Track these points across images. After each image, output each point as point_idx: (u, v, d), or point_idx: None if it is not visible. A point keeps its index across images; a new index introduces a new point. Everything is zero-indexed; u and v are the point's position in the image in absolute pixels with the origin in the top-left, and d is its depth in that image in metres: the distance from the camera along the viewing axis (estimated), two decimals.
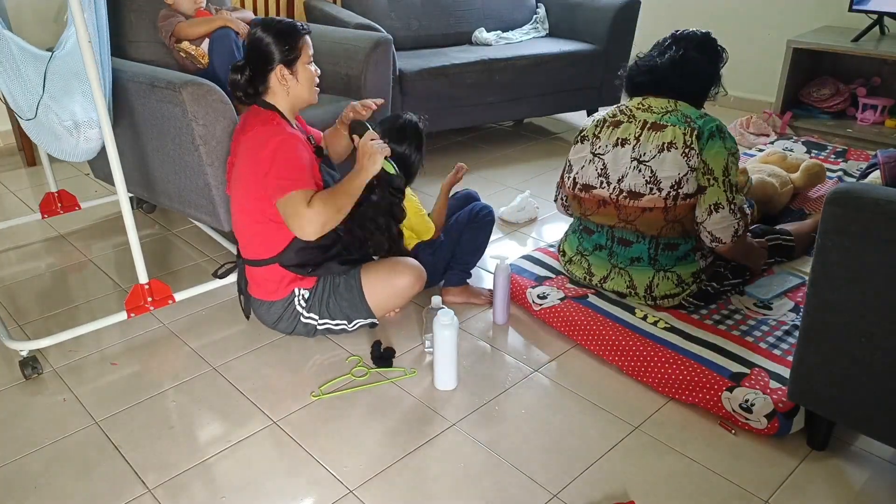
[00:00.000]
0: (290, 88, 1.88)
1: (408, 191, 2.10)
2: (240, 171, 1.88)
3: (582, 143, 2.11)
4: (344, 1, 3.60)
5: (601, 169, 2.02)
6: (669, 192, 1.90)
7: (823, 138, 3.52)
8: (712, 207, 1.89)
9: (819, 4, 3.80)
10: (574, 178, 2.10)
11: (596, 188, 2.04)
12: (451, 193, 2.33)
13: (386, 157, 1.88)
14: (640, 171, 1.94)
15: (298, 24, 1.89)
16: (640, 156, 1.95)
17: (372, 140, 1.88)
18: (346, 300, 1.96)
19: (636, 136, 1.97)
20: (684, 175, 1.89)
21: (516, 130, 3.99)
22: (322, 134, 2.17)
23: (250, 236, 1.93)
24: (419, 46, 3.65)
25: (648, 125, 1.96)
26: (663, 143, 1.91)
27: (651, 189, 1.92)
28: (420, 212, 2.17)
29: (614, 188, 1.99)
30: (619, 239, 2.04)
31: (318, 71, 1.95)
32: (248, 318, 2.09)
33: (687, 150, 1.89)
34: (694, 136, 1.89)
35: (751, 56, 4.10)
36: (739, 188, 1.97)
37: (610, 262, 2.08)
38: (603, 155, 2.03)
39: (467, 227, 2.20)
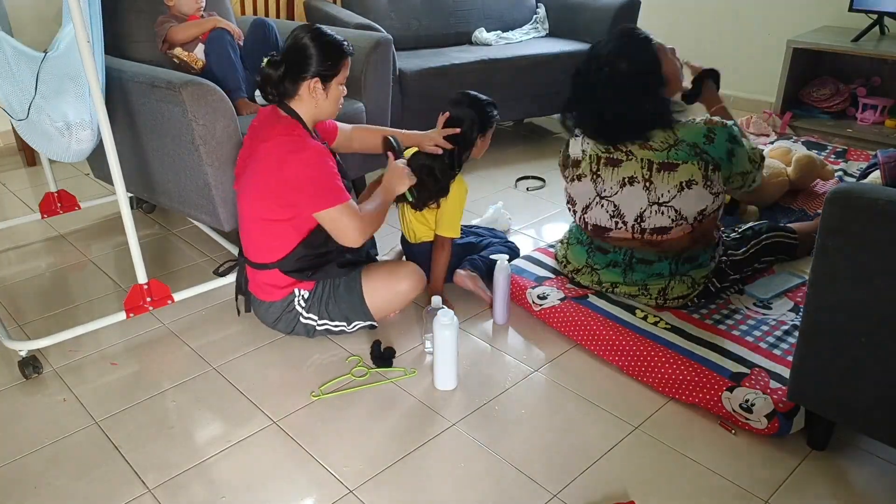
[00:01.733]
0: (318, 102, 1.86)
1: (460, 177, 2.16)
2: (258, 176, 1.85)
3: (580, 180, 2.02)
4: (344, 1, 3.60)
5: (613, 210, 1.97)
6: (696, 218, 1.91)
7: (823, 138, 3.52)
8: (752, 182, 1.98)
9: (819, 4, 3.80)
10: (583, 218, 2.06)
11: (612, 230, 2.00)
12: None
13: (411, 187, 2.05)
14: (662, 213, 1.91)
15: (346, 44, 1.87)
16: (659, 198, 1.89)
17: (401, 165, 2.03)
18: (346, 302, 1.96)
19: (645, 177, 1.89)
20: (710, 203, 1.90)
21: (516, 130, 3.99)
22: (337, 126, 2.16)
23: (255, 239, 1.93)
24: (419, 46, 3.65)
25: (657, 165, 1.87)
26: (681, 183, 1.86)
27: (678, 223, 1.92)
28: (459, 208, 2.14)
29: (633, 227, 1.96)
30: (639, 259, 2.01)
31: (346, 91, 1.94)
32: (239, 314, 2.09)
33: (708, 184, 1.87)
34: (711, 170, 1.86)
35: (751, 56, 4.10)
36: (755, 150, 1.98)
37: (623, 277, 2.05)
38: (611, 197, 1.97)
39: (497, 244, 2.34)
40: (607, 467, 1.59)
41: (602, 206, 1.99)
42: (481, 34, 3.76)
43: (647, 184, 1.90)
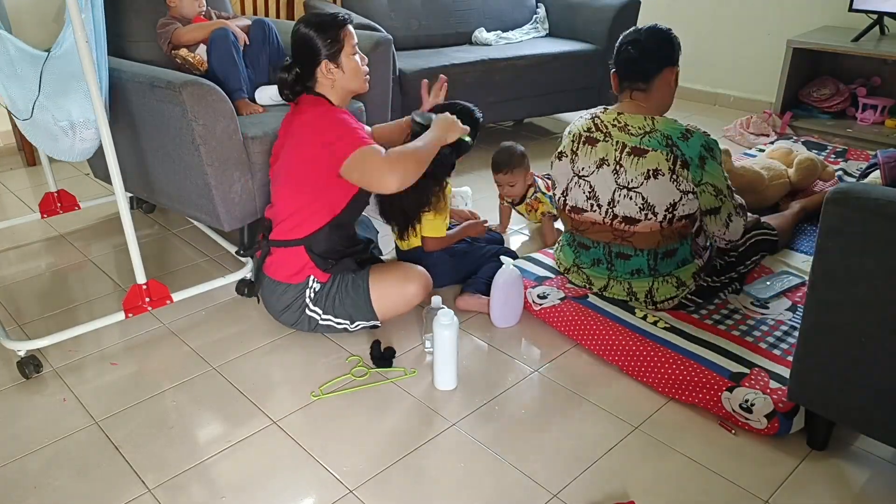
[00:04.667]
0: (336, 81, 1.90)
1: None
2: (294, 149, 1.90)
3: (560, 159, 2.07)
4: (344, 1, 3.60)
5: (589, 192, 2.00)
6: (665, 216, 1.91)
7: (823, 138, 3.52)
8: (727, 220, 1.93)
9: (819, 4, 3.80)
10: (564, 199, 2.09)
11: (587, 211, 2.02)
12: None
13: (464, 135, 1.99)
14: (630, 198, 1.92)
15: (339, 13, 1.90)
16: (628, 183, 1.91)
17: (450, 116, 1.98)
18: (352, 299, 1.96)
19: (617, 160, 1.92)
20: (678, 199, 1.89)
21: (516, 130, 3.99)
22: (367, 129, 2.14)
23: (288, 211, 1.94)
24: (419, 46, 3.65)
25: (628, 149, 1.90)
26: (648, 171, 1.88)
27: (646, 215, 1.92)
28: (443, 211, 2.19)
29: (606, 211, 1.97)
30: (617, 254, 2.03)
31: (367, 60, 1.95)
32: (259, 301, 2.12)
33: (675, 177, 1.86)
34: (679, 166, 1.85)
35: (751, 56, 4.11)
36: (732, 184, 1.95)
37: (609, 275, 2.08)
38: (587, 177, 2.00)
39: (493, 251, 2.31)
40: (607, 467, 1.59)
41: (580, 185, 2.02)
42: (481, 34, 3.77)
43: (617, 167, 1.92)
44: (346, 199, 1.92)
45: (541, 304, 2.11)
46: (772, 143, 3.50)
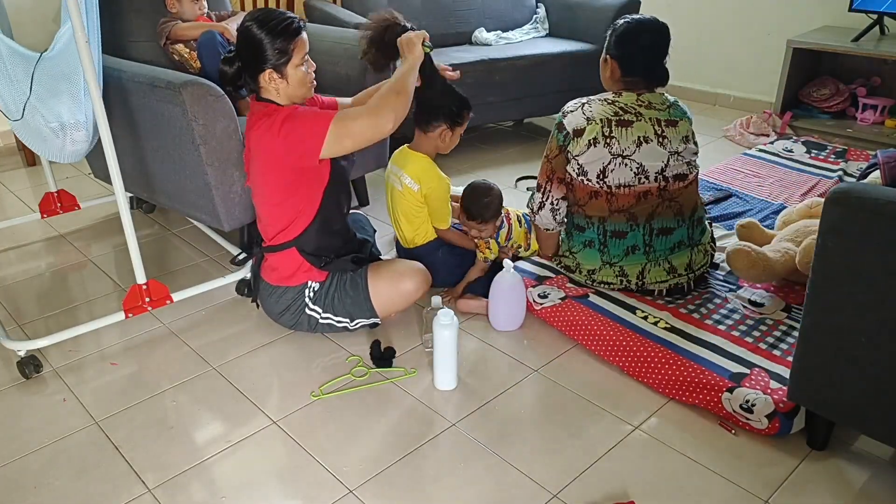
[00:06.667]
0: (280, 89, 1.85)
1: (440, 173, 2.23)
2: (260, 158, 1.87)
3: (594, 146, 1.99)
4: (344, 1, 3.60)
5: (637, 168, 2.00)
6: (697, 169, 2.12)
7: (823, 138, 3.52)
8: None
9: (819, 4, 3.80)
10: (605, 181, 2.01)
11: (635, 185, 2.02)
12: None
13: (423, 42, 1.95)
14: (679, 161, 2.06)
15: (295, 21, 1.83)
16: (675, 150, 2.05)
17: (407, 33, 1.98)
18: (351, 297, 1.96)
19: (659, 133, 2.02)
20: (695, 157, 2.11)
21: (516, 130, 3.99)
22: (337, 102, 2.14)
23: (271, 220, 1.94)
24: None
25: (664, 122, 2.04)
26: (682, 137, 2.06)
27: (690, 170, 2.09)
28: (444, 201, 2.22)
29: (657, 178, 2.04)
30: (658, 230, 2.06)
31: (314, 66, 1.91)
32: (258, 307, 2.11)
33: (694, 138, 2.11)
34: (691, 125, 2.11)
35: (751, 56, 4.10)
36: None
37: (646, 259, 2.09)
38: (631, 156, 2.00)
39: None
40: (607, 467, 1.59)
41: (626, 165, 2.01)
42: (481, 34, 3.76)
43: (661, 139, 2.03)
44: (320, 189, 1.89)
45: (541, 304, 2.11)
46: (772, 142, 3.50)
